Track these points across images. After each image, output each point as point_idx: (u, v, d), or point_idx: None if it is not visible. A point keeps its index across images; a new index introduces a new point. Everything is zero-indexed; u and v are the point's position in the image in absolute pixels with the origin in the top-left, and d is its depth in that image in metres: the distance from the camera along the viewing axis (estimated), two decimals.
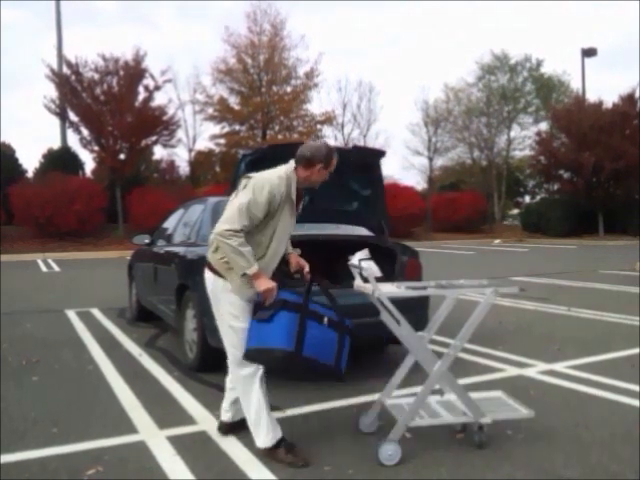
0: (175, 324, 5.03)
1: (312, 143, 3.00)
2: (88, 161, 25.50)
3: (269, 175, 2.84)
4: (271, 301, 2.72)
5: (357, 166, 4.59)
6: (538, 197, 36.69)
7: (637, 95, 26.53)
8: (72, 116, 21.98)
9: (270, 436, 2.83)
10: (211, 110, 28.42)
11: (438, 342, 4.77)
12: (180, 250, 5.06)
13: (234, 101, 28.59)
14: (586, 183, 26.55)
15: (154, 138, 23.16)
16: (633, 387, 3.92)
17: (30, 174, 24.37)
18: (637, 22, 58.62)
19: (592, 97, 29.49)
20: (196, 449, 2.96)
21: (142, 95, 22.18)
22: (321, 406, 3.58)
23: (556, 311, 7.07)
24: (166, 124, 23.11)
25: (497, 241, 25.27)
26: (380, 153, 4.80)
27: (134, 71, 21.67)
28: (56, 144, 24.98)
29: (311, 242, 4.00)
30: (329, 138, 30.01)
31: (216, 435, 3.13)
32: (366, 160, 4.67)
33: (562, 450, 2.91)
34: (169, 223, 6.25)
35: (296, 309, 2.70)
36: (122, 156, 22.18)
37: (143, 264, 6.41)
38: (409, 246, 4.87)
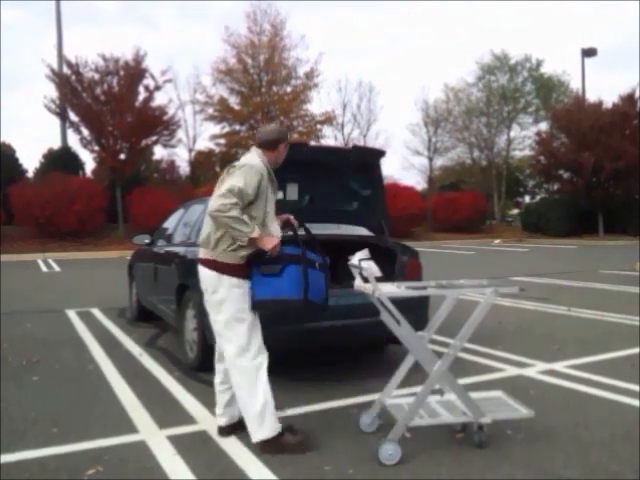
0: (175, 324, 5.04)
1: (268, 127, 3.15)
2: (88, 161, 25.59)
3: (251, 160, 2.97)
4: (275, 254, 2.90)
5: (357, 166, 4.59)
6: (538, 197, 36.73)
7: (637, 95, 26.55)
8: (72, 116, 22.01)
9: (275, 426, 2.89)
10: (211, 110, 28.45)
11: (438, 342, 4.78)
12: (180, 250, 5.07)
13: (234, 101, 28.62)
14: (586, 183, 26.56)
15: (154, 138, 23.19)
16: (633, 387, 3.92)
17: (30, 174, 24.41)
18: (637, 22, 58.64)
19: (592, 97, 29.55)
20: (196, 449, 2.96)
21: (142, 95, 22.22)
22: (321, 406, 3.58)
23: (556, 311, 7.07)
24: (166, 124, 23.13)
25: (497, 241, 25.28)
26: (380, 153, 4.81)
27: (134, 71, 21.68)
28: (56, 144, 25.05)
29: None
30: (329, 138, 30.07)
31: (216, 435, 3.13)
32: (366, 160, 4.67)
33: (562, 450, 2.91)
34: (169, 223, 6.25)
35: (299, 261, 2.92)
36: (122, 156, 22.20)
37: (143, 264, 6.41)
38: (409, 246, 4.87)
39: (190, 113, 29.45)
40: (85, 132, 21.95)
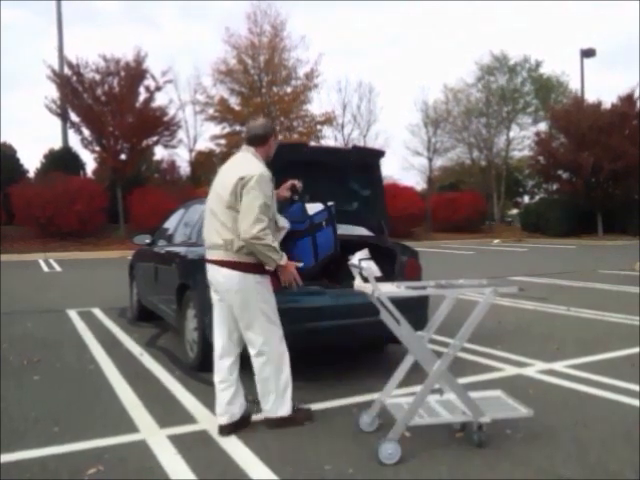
0: (176, 324, 5.04)
1: (256, 122, 3.23)
2: (89, 161, 25.56)
3: (254, 166, 3.03)
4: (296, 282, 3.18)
5: (357, 166, 4.61)
6: (537, 197, 36.72)
7: (636, 95, 26.54)
8: (73, 116, 21.99)
9: (290, 404, 3.19)
10: (212, 111, 28.44)
11: (438, 342, 4.78)
12: (181, 250, 5.08)
13: (234, 102, 28.61)
14: (585, 183, 26.55)
15: (155, 138, 23.17)
16: (633, 387, 3.93)
17: (31, 174, 24.39)
18: (637, 22, 58.65)
19: (591, 97, 29.59)
20: (197, 448, 2.97)
21: (143, 96, 22.19)
22: (321, 406, 3.59)
23: (555, 311, 7.08)
24: (167, 124, 23.11)
25: (497, 241, 25.28)
26: (380, 153, 4.82)
27: (135, 72, 21.66)
28: (57, 144, 25.01)
29: None
30: (329, 139, 30.05)
31: (217, 434, 3.14)
32: (366, 160, 4.68)
33: (561, 449, 2.92)
34: (170, 223, 6.26)
35: (309, 231, 3.30)
36: (123, 156, 22.18)
37: (144, 264, 6.42)
38: (409, 246, 4.88)
39: (191, 114, 29.39)
40: (86, 132, 21.94)
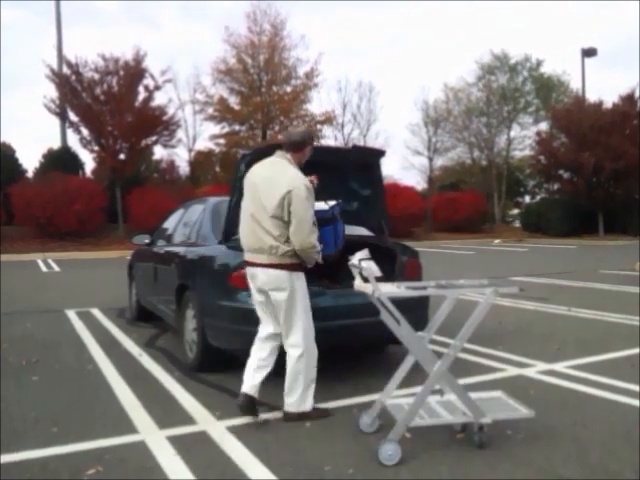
0: (175, 324, 5.03)
1: (296, 130, 3.43)
2: (88, 161, 25.52)
3: (297, 177, 3.21)
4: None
5: (357, 166, 4.59)
6: (538, 197, 36.70)
7: (637, 95, 26.53)
8: (72, 116, 21.96)
9: (312, 401, 3.35)
10: (211, 110, 28.40)
11: (438, 342, 4.77)
12: (180, 250, 5.07)
13: (234, 101, 28.57)
14: (586, 183, 26.55)
15: (154, 138, 23.14)
16: (633, 387, 3.92)
17: (30, 174, 24.37)
18: (637, 22, 58.65)
19: (592, 97, 29.53)
20: (196, 449, 2.96)
21: (142, 95, 22.16)
22: (321, 406, 3.57)
23: (556, 311, 7.07)
24: (166, 124, 23.10)
25: (497, 241, 25.27)
26: (380, 153, 4.80)
27: (134, 71, 21.64)
28: (56, 144, 24.99)
29: None
30: (329, 138, 30.02)
31: (216, 435, 3.13)
32: (366, 160, 4.67)
33: (562, 450, 2.91)
34: (169, 223, 6.25)
35: (331, 220, 3.51)
36: (122, 156, 22.16)
37: (143, 264, 6.41)
38: (409, 246, 4.87)
39: (190, 113, 29.39)
40: (85, 132, 21.91)
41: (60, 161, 22.93)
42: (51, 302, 8.17)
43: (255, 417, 3.34)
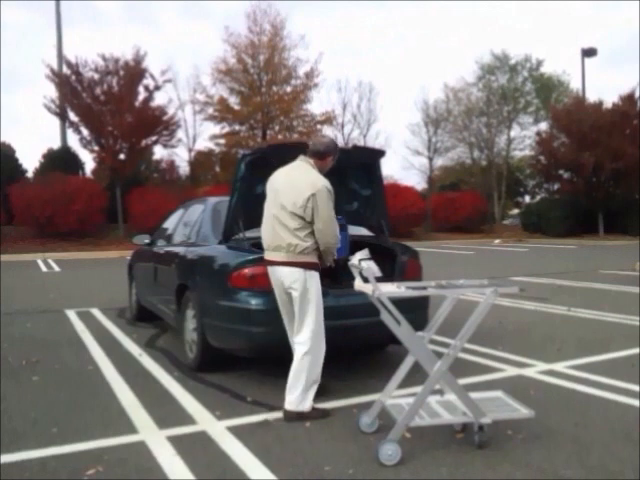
0: (175, 324, 5.03)
1: (321, 139, 3.56)
2: (88, 161, 25.56)
3: (319, 180, 3.36)
4: None
5: (357, 166, 4.59)
6: (538, 197, 36.71)
7: (637, 95, 26.54)
8: (72, 116, 21.98)
9: (312, 401, 3.37)
10: (211, 110, 28.42)
11: (438, 342, 4.77)
12: (180, 250, 5.06)
13: (234, 101, 28.60)
14: (586, 183, 26.55)
15: (154, 138, 23.15)
16: (633, 387, 3.92)
17: (30, 174, 24.38)
18: (637, 22, 58.62)
19: (592, 97, 29.56)
20: (196, 449, 2.96)
21: (142, 95, 22.19)
22: (321, 406, 3.57)
23: (556, 311, 7.07)
24: (166, 124, 23.10)
25: (497, 241, 25.27)
26: (380, 153, 4.80)
27: (134, 71, 21.66)
28: (56, 144, 25.03)
29: None
30: None
31: (216, 435, 3.13)
32: (366, 160, 4.67)
33: (562, 450, 2.91)
34: (169, 223, 6.25)
35: (343, 226, 3.77)
36: (122, 156, 22.18)
37: (143, 264, 6.41)
38: (409, 246, 4.87)
39: (190, 113, 29.50)
40: (85, 132, 21.93)
41: (60, 161, 22.95)
42: (51, 302, 8.17)
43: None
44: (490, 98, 34.70)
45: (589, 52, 31.67)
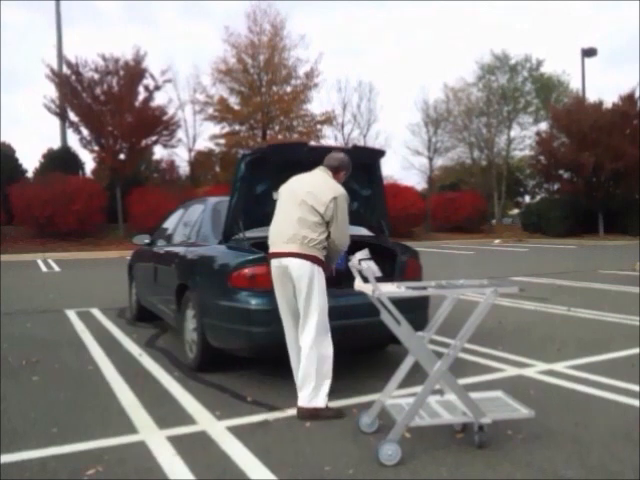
0: (175, 324, 5.03)
1: (336, 155, 3.66)
2: (88, 161, 25.59)
3: (337, 186, 3.52)
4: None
5: (357, 166, 4.58)
6: (538, 197, 36.73)
7: (637, 95, 26.54)
8: (72, 116, 21.99)
9: (326, 398, 3.38)
10: (211, 110, 28.44)
11: (438, 342, 4.77)
12: (180, 250, 5.06)
13: (234, 101, 28.61)
14: (586, 183, 26.56)
15: (154, 138, 23.15)
16: (633, 387, 3.92)
17: (30, 174, 24.39)
18: (637, 22, 58.62)
19: (592, 97, 29.57)
20: (196, 449, 2.96)
21: (142, 95, 22.20)
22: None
23: (556, 311, 7.06)
24: (166, 124, 23.10)
25: (497, 241, 25.27)
26: (380, 153, 4.80)
27: (134, 71, 21.66)
28: (56, 144, 25.05)
29: None
30: (329, 138, 30.05)
31: (216, 435, 3.13)
32: (366, 160, 4.67)
33: (562, 450, 2.91)
34: (169, 223, 6.25)
35: None
36: (122, 156, 22.18)
37: (143, 264, 6.41)
38: (409, 246, 4.87)
39: (190, 113, 29.52)
40: (85, 132, 21.94)
41: (60, 161, 22.96)
42: (51, 302, 8.17)
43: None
44: (490, 98, 34.72)
45: (589, 52, 31.68)
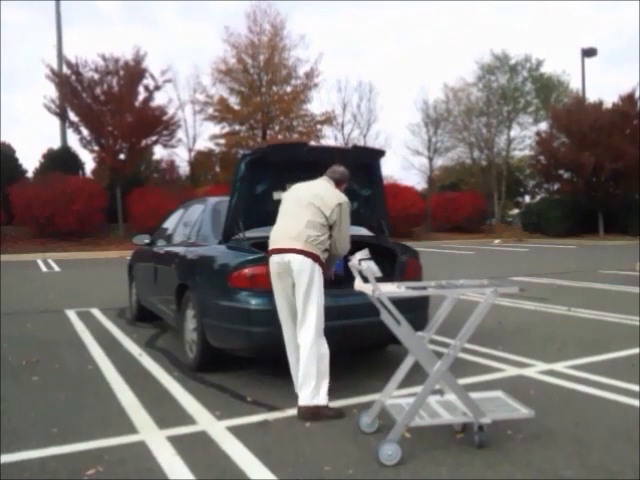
0: (175, 324, 5.03)
1: (337, 168, 3.78)
2: (88, 161, 25.57)
3: (341, 194, 3.66)
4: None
5: (357, 166, 4.59)
6: (538, 197, 36.73)
7: (637, 95, 26.54)
8: (72, 116, 21.97)
9: (326, 396, 3.40)
10: (211, 110, 28.43)
11: (438, 342, 4.77)
12: (180, 250, 5.06)
13: (234, 101, 28.60)
14: (586, 183, 26.56)
15: (154, 138, 23.14)
16: (633, 387, 3.92)
17: (30, 174, 24.38)
18: (637, 22, 58.63)
19: (592, 97, 29.57)
20: (196, 449, 2.96)
21: (142, 95, 22.18)
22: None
23: (556, 311, 7.06)
24: (166, 124, 23.09)
25: (497, 241, 25.27)
26: (380, 153, 4.80)
27: (134, 71, 21.65)
28: (56, 144, 25.03)
29: None
30: (329, 138, 30.05)
31: (216, 435, 3.13)
32: (366, 160, 4.67)
33: (562, 450, 2.91)
34: (169, 223, 6.25)
35: None
36: (122, 156, 22.17)
37: (143, 264, 6.41)
38: (409, 246, 4.87)
39: (190, 113, 29.51)
40: (85, 132, 21.92)
41: (60, 161, 22.94)
42: (51, 302, 8.17)
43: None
44: (490, 98, 34.70)
45: (589, 52, 31.67)
